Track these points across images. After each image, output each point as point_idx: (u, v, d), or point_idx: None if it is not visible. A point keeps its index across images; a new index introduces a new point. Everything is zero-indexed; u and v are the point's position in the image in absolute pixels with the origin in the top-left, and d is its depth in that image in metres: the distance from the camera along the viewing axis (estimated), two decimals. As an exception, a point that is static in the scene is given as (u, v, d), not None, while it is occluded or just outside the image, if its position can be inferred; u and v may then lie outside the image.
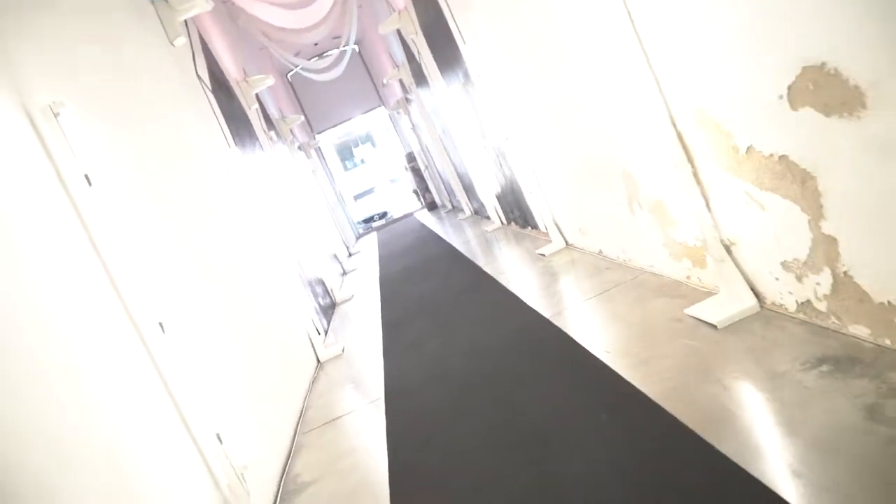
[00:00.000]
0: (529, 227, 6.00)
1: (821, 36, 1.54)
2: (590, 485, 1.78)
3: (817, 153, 1.73)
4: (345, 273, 9.20)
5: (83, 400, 1.63)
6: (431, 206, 14.59)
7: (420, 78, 8.35)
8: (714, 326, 2.36)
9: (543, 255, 4.78)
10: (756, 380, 1.94)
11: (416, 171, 14.81)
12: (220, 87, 5.59)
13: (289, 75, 14.10)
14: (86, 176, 2.00)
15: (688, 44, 2.10)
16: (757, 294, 2.35)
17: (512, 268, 5.07)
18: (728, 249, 2.42)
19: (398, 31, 7.42)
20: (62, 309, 1.69)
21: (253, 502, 2.21)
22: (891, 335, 1.74)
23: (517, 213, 6.29)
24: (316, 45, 11.93)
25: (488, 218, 7.85)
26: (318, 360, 4.43)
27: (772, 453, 1.58)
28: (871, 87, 1.46)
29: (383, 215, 17.88)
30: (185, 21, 4.64)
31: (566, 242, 4.73)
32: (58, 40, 2.49)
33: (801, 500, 1.38)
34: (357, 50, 13.74)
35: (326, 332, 5.38)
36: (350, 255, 11.84)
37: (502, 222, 7.17)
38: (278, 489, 2.58)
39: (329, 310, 6.18)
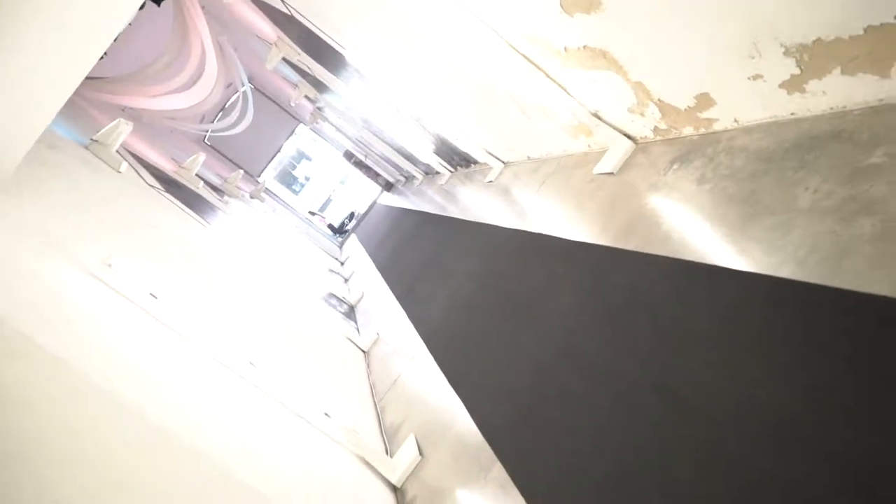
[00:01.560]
0: (472, 165, 6.75)
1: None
2: (566, 303, 2.60)
3: (599, 36, 2.50)
4: (346, 280, 9.96)
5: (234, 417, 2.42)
6: (388, 187, 15.25)
7: (321, 87, 8.96)
8: (612, 173, 3.16)
9: (491, 181, 5.55)
10: (644, 195, 2.75)
11: (360, 164, 15.43)
12: (170, 183, 6.25)
13: (205, 141, 14.56)
14: (151, 293, 2.76)
15: (493, -2, 2.84)
16: (630, 137, 3.14)
17: (473, 203, 5.84)
18: (597, 117, 3.20)
19: (283, 59, 8.00)
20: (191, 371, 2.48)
21: (375, 449, 3.03)
22: (703, 125, 2.54)
23: (457, 158, 7.03)
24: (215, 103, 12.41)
25: (438, 173, 8.58)
26: (363, 350, 5.25)
27: (658, 233, 2.40)
28: (598, -10, 2.23)
29: (352, 217, 18.48)
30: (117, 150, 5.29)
31: (503, 163, 5.49)
32: (72, 212, 3.21)
33: (676, 250, 2.21)
34: (253, 87, 14.18)
35: (359, 330, 6.18)
36: (342, 263, 12.57)
37: (450, 171, 7.91)
38: (383, 437, 3.41)
39: (350, 313, 6.98)
